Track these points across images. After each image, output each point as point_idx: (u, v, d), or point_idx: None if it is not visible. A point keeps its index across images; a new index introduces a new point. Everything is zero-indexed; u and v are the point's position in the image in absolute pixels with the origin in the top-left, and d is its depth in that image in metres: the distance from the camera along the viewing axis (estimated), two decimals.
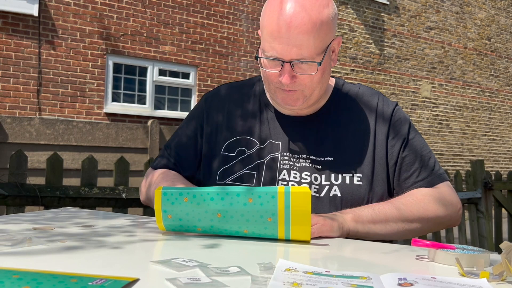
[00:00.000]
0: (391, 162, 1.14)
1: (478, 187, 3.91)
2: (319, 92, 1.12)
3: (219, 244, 0.82)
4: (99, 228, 0.92)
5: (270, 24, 1.04)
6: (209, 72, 7.38)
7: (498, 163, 10.98)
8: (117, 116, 6.65)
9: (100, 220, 1.01)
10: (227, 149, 1.17)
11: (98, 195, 2.32)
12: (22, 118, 5.81)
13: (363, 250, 0.89)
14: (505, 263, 0.66)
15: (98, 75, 6.49)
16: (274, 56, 1.04)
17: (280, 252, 0.82)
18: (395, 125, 1.16)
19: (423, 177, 1.14)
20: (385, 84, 9.30)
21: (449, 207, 1.13)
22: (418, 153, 1.16)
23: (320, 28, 1.02)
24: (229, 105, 1.24)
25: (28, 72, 6.07)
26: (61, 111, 6.30)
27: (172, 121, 7.02)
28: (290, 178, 1.11)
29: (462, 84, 10.48)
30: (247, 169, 1.14)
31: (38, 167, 5.85)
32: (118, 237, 0.83)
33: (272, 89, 1.12)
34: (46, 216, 1.04)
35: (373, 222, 1.04)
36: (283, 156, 1.14)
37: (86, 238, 0.81)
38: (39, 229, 0.87)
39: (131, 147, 6.41)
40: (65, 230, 0.88)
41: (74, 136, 6.07)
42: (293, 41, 1.01)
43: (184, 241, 0.85)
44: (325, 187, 1.10)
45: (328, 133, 1.16)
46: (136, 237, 0.85)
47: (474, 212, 3.92)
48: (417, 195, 1.11)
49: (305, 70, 1.05)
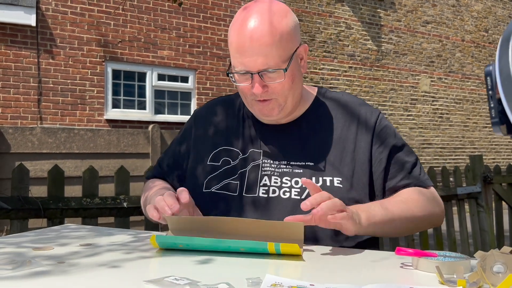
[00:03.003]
0: (379, 168, 1.17)
1: (478, 181, 3.94)
2: (293, 99, 1.17)
3: (211, 259, 0.86)
4: (97, 246, 0.95)
5: (234, 40, 1.11)
6: (208, 75, 7.41)
7: (499, 154, 10.99)
8: (118, 122, 6.69)
9: (99, 237, 1.05)
10: (213, 159, 1.23)
11: (99, 205, 2.36)
12: (24, 128, 5.86)
13: (350, 260, 0.92)
14: (480, 272, 0.69)
15: (97, 82, 6.53)
16: (243, 70, 1.10)
17: (270, 266, 0.86)
18: (381, 134, 1.20)
19: (414, 180, 1.19)
20: (383, 80, 9.32)
21: (439, 206, 1.20)
22: (407, 158, 1.20)
23: (281, 38, 1.08)
24: (215, 118, 1.31)
25: (28, 82, 6.12)
26: (62, 119, 6.35)
27: (172, 125, 7.06)
28: (271, 183, 1.16)
29: (461, 77, 10.48)
30: (231, 179, 1.19)
31: (42, 175, 5.91)
32: (114, 256, 0.87)
33: (249, 102, 1.18)
34: (47, 235, 1.08)
35: (382, 222, 1.06)
36: (264, 163, 1.19)
37: (84, 258, 0.84)
38: (38, 249, 0.90)
39: (132, 152, 6.46)
40: (64, 250, 0.91)
41: (76, 144, 6.12)
42: (257, 53, 1.07)
43: (177, 257, 0.89)
44: (306, 190, 1.13)
45: (308, 138, 1.20)
46: (133, 254, 0.89)
47: (474, 206, 3.95)
48: (414, 194, 1.15)
49: (274, 78, 1.10)
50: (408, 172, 1.19)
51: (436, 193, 1.21)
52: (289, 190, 1.14)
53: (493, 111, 0.57)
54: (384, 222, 1.07)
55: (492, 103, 0.57)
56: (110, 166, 6.28)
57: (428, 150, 9.85)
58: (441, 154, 10.03)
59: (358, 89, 8.90)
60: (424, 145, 9.82)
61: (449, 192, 3.77)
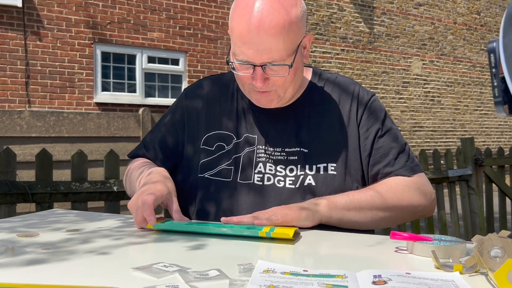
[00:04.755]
0: (365, 154, 1.15)
1: (469, 164, 3.95)
2: (293, 90, 1.13)
3: (202, 245, 0.84)
4: (84, 232, 0.93)
5: (238, 28, 1.03)
6: (199, 58, 7.33)
7: (489, 137, 11.06)
8: (107, 106, 6.62)
9: (87, 222, 1.02)
10: (206, 143, 1.19)
11: (89, 189, 2.32)
12: (12, 111, 5.76)
13: (344, 244, 0.90)
14: (477, 256, 0.68)
15: (86, 64, 6.43)
16: (245, 60, 1.04)
17: (261, 250, 0.84)
18: (371, 113, 1.17)
19: (398, 167, 1.13)
20: (375, 63, 9.28)
21: (423, 196, 1.13)
22: (394, 143, 1.16)
23: (289, 30, 1.02)
24: (208, 99, 1.24)
25: (15, 64, 6.01)
26: (51, 102, 6.26)
27: (163, 108, 6.99)
28: (266, 171, 1.13)
29: (452, 59, 10.48)
30: (225, 165, 1.15)
31: (31, 159, 5.83)
32: (102, 242, 0.84)
33: (247, 90, 1.13)
34: (33, 220, 1.05)
35: (348, 209, 1.04)
36: (259, 149, 1.15)
37: (70, 245, 0.82)
38: (23, 236, 0.87)
39: (123, 136, 6.40)
40: (50, 236, 0.89)
41: (66, 127, 6.04)
42: (262, 45, 1.01)
43: (167, 243, 0.86)
44: (300, 177, 1.11)
45: (302, 125, 1.16)
46: (121, 240, 0.87)
47: (465, 188, 3.97)
48: (392, 183, 1.12)
49: (277, 72, 1.05)
50: (394, 158, 1.14)
51: (424, 182, 1.15)
52: (284, 179, 1.12)
53: (496, 90, 0.55)
54: (349, 209, 1.04)
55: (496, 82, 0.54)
56: (100, 150, 6.22)
57: (419, 133, 9.88)
58: (432, 137, 10.07)
59: (350, 72, 8.87)
60: (415, 128, 9.85)
61: (440, 175, 3.78)
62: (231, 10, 1.08)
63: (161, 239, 0.89)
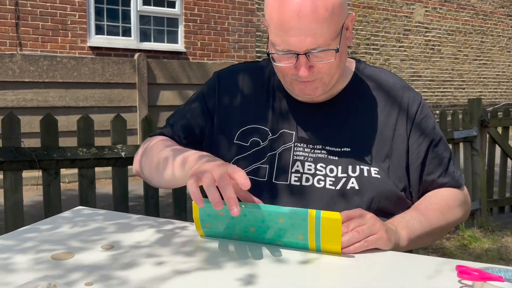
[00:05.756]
0: (417, 161, 1.08)
1: (474, 125, 3.91)
2: (338, 76, 1.04)
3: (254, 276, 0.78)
4: (122, 250, 0.86)
5: (277, 15, 0.93)
6: (196, 0, 7.01)
7: (486, 87, 11.01)
8: (102, 50, 6.39)
9: (120, 233, 0.95)
10: (240, 138, 1.10)
11: (96, 155, 2.25)
12: (3, 54, 5.53)
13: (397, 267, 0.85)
14: None
15: (79, 6, 6.13)
16: (287, 49, 0.95)
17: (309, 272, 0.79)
18: (421, 124, 1.09)
19: (450, 178, 1.11)
20: (377, 9, 9.00)
21: (467, 208, 1.14)
22: (445, 152, 1.12)
23: (333, 11, 0.92)
24: (243, 89, 1.15)
25: (4, 4, 5.70)
26: (43, 46, 6.02)
27: (159, 53, 6.78)
28: (304, 170, 1.05)
29: (456, 7, 10.19)
30: (260, 163, 1.08)
31: (24, 105, 5.69)
32: (144, 269, 0.78)
33: (288, 81, 1.03)
34: (62, 229, 0.98)
35: (420, 237, 1.00)
36: (296, 147, 1.07)
37: (110, 275, 0.76)
38: (58, 258, 0.81)
39: (118, 82, 6.22)
40: (86, 257, 0.82)
41: (59, 72, 5.84)
42: (305, 31, 0.92)
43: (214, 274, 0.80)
44: (342, 180, 1.04)
45: (345, 121, 1.08)
46: (166, 267, 0.80)
47: (469, 150, 3.96)
48: (450, 199, 1.08)
49: (322, 58, 0.96)
50: (445, 168, 1.10)
51: (467, 194, 1.15)
52: (324, 178, 1.04)
53: None
54: (421, 237, 1.00)
55: None
56: (96, 96, 6.07)
57: (417, 83, 9.78)
58: (429, 86, 9.99)
59: None
60: (414, 77, 9.74)
61: (446, 137, 3.74)
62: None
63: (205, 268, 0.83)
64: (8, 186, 2.10)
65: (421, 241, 1.02)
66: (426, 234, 1.01)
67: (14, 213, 2.12)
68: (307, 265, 0.83)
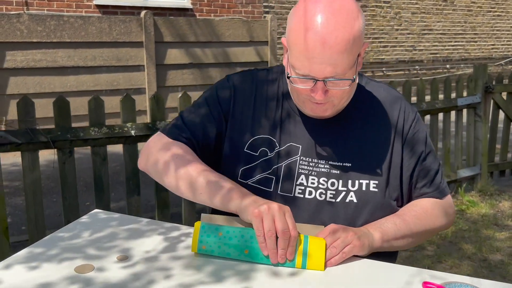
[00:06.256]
0: (407, 174, 1.17)
1: (479, 91, 3.94)
2: (347, 100, 1.12)
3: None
4: (133, 260, 0.99)
5: (302, 42, 0.99)
6: None
7: (499, 40, 10.79)
8: (108, 8, 6.36)
9: (132, 240, 1.07)
10: (250, 147, 1.17)
11: (107, 134, 2.36)
12: (10, 15, 5.54)
13: (374, 277, 0.97)
14: None
15: None
16: (307, 74, 1.02)
17: None
18: (413, 139, 1.17)
19: (433, 189, 1.19)
20: None
21: (449, 217, 1.22)
22: (433, 165, 1.20)
23: (353, 44, 1.00)
24: (256, 97, 1.20)
25: None
26: (50, 4, 6.00)
27: (166, 11, 6.73)
28: (308, 184, 1.14)
29: None
30: (267, 173, 1.15)
31: (34, 66, 5.76)
32: (155, 281, 0.91)
33: (301, 100, 1.11)
34: (80, 238, 1.10)
35: (396, 239, 1.10)
36: (302, 161, 1.15)
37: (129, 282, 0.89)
38: (80, 271, 0.94)
39: (125, 41, 6.22)
40: (106, 270, 0.95)
41: (67, 32, 5.86)
42: (327, 61, 0.99)
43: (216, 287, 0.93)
44: (342, 193, 1.13)
45: (348, 137, 1.16)
46: (173, 278, 0.93)
47: (472, 116, 4.01)
48: (428, 207, 1.17)
49: (338, 84, 1.04)
50: (431, 180, 1.19)
51: (451, 203, 1.22)
52: (325, 192, 1.13)
53: None
54: (397, 239, 1.10)
55: None
56: (104, 56, 6.10)
57: (428, 37, 9.62)
58: (440, 40, 9.82)
59: None
60: (425, 31, 9.57)
61: (449, 104, 3.79)
62: (290, 22, 1.03)
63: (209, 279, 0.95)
64: (26, 165, 2.23)
65: (397, 242, 1.11)
66: (402, 236, 1.11)
67: (33, 189, 2.27)
68: (296, 277, 0.95)
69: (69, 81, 5.98)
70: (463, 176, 3.96)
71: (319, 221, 1.12)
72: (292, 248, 0.95)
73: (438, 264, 2.83)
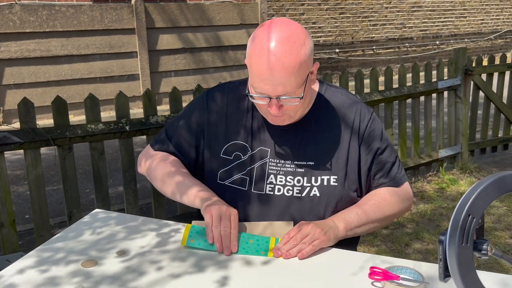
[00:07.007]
0: (365, 168, 1.35)
1: (459, 74, 4.10)
2: (302, 112, 1.31)
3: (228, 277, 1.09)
4: (130, 255, 1.18)
5: (256, 67, 1.18)
6: None
7: (488, 15, 10.86)
8: None
9: (129, 239, 1.25)
10: (225, 152, 1.36)
11: (104, 130, 2.53)
12: (2, 6, 5.62)
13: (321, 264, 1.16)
14: None
15: None
16: (262, 92, 1.21)
17: None
18: (369, 137, 1.35)
19: (390, 179, 1.38)
20: None
21: (407, 202, 1.41)
22: (389, 158, 1.38)
23: (300, 68, 1.17)
24: (228, 107, 1.39)
25: None
26: None
27: None
28: (277, 182, 1.33)
29: None
30: (241, 174, 1.35)
31: (28, 56, 5.86)
32: (149, 275, 1.10)
33: (263, 112, 1.31)
34: (83, 237, 1.29)
35: (358, 227, 1.29)
36: (271, 162, 1.34)
37: (127, 274, 1.08)
38: (86, 266, 1.13)
39: (117, 28, 6.32)
40: (108, 265, 1.14)
41: (59, 21, 5.95)
42: (277, 82, 1.17)
43: (198, 276, 1.12)
44: (306, 188, 1.32)
45: (310, 139, 1.34)
46: (165, 271, 1.11)
47: (453, 98, 4.18)
48: (387, 195, 1.35)
49: (290, 101, 1.22)
50: (387, 171, 1.37)
51: (408, 189, 1.40)
52: (292, 188, 1.32)
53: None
54: (359, 226, 1.29)
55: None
56: (96, 44, 6.21)
57: (417, 14, 9.70)
58: (430, 17, 9.91)
59: None
60: (414, 9, 9.64)
61: (430, 87, 3.95)
62: (249, 49, 1.20)
63: (193, 271, 1.14)
64: (29, 162, 2.40)
65: (359, 229, 1.31)
66: (363, 223, 1.30)
67: (37, 184, 2.45)
68: (268, 265, 1.14)
69: (64, 70, 6.10)
70: (444, 155, 4.15)
71: (288, 214, 1.32)
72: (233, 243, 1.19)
73: (416, 241, 3.04)
